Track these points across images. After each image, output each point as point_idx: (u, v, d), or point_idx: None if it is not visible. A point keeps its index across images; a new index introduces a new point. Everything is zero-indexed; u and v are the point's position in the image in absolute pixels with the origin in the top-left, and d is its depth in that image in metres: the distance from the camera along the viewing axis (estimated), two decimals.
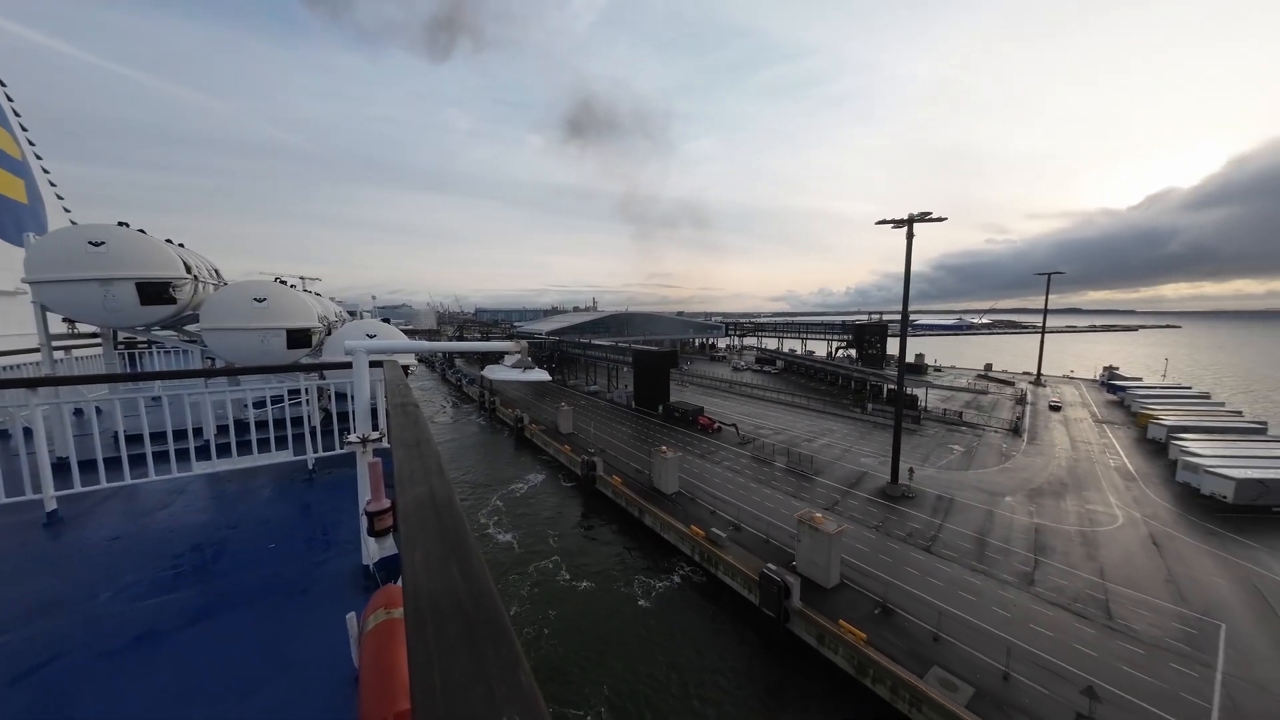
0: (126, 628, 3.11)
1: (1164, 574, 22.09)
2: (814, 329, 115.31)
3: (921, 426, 49.73)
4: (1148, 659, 16.86)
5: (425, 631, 0.61)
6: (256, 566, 3.97)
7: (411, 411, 2.43)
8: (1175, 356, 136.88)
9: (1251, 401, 71.57)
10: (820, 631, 18.93)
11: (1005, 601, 20.16)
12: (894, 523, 27.45)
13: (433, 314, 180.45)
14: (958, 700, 15.09)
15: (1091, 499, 30.66)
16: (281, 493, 5.73)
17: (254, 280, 8.41)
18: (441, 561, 0.84)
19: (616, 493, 33.93)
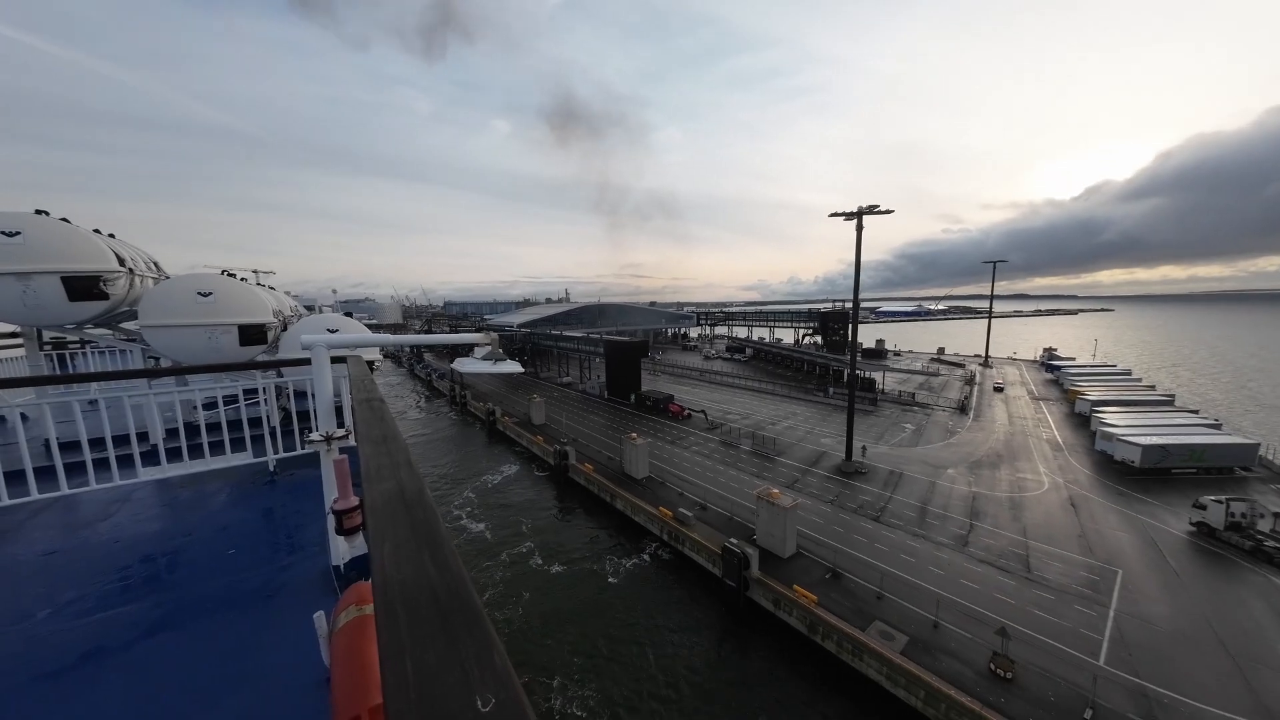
0: (70, 646, 2.99)
1: (1077, 531, 24.83)
2: (781, 317, 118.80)
3: (879, 408, 52.74)
4: (1056, 603, 19.18)
5: (396, 621, 0.60)
6: (216, 574, 3.84)
7: (377, 407, 2.41)
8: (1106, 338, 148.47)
9: (1165, 376, 79.15)
10: (776, 597, 20.48)
11: (940, 561, 22.28)
12: (847, 496, 29.49)
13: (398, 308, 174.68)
14: (894, 648, 16.86)
15: (1023, 468, 33.70)
16: (241, 497, 5.55)
17: (198, 274, 7.90)
18: (413, 552, 0.84)
19: (589, 480, 34.76)
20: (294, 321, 10.07)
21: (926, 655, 16.62)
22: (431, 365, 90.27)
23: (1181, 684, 15.12)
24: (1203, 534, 23.94)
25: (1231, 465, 31.83)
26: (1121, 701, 14.56)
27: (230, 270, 8.99)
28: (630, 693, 17.78)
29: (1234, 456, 31.74)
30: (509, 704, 0.43)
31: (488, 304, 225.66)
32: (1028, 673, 15.68)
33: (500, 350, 5.55)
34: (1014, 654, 16.15)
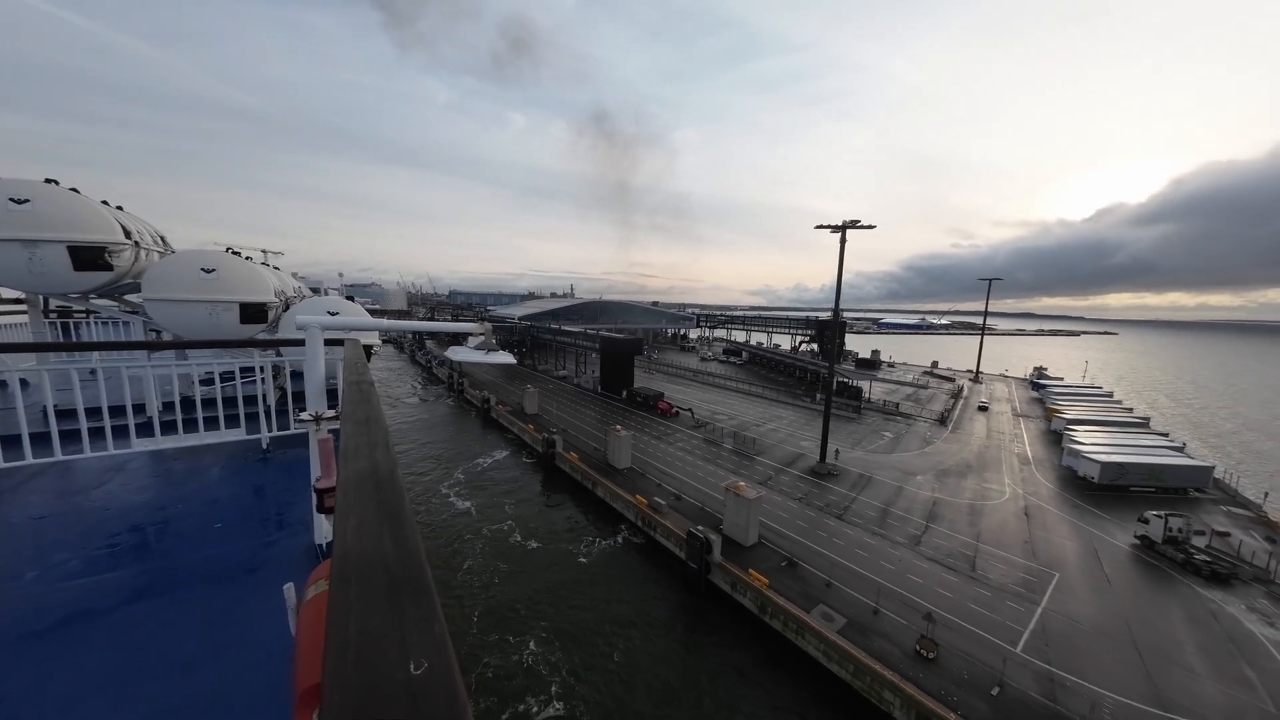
0: (55, 607, 3.05)
1: (1025, 537, 26.32)
2: (779, 323, 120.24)
3: (862, 416, 54.18)
4: (991, 599, 20.71)
5: (348, 588, 0.65)
6: (202, 546, 3.92)
7: (365, 389, 2.46)
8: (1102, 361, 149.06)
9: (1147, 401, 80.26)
10: (733, 580, 22.09)
11: (892, 557, 23.83)
12: (815, 495, 31.05)
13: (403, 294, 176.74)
14: (832, 628, 18.45)
15: (989, 479, 35.17)
16: (233, 472, 5.67)
17: (203, 250, 7.91)
18: (374, 528, 0.88)
19: (573, 468, 36.42)
20: (296, 302, 10.13)
21: (861, 636, 18.20)
22: (432, 352, 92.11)
23: (1087, 672, 16.65)
24: (1144, 547, 25.41)
25: (1187, 486, 33.20)
26: (1028, 682, 16.11)
27: (235, 248, 9.01)
28: (590, 654, 19.44)
29: (1189, 478, 33.12)
30: (440, 668, 0.48)
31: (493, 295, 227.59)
32: (949, 654, 17.24)
33: (494, 341, 5.60)
34: (941, 639, 17.73)
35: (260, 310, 7.91)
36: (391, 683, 0.46)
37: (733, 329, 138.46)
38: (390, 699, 0.44)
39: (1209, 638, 18.70)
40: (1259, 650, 18.09)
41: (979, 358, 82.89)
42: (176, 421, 5.32)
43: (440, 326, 6.04)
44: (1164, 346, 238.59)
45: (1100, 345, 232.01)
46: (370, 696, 0.44)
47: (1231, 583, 22.35)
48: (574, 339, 72.13)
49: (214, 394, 5.60)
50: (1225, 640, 18.56)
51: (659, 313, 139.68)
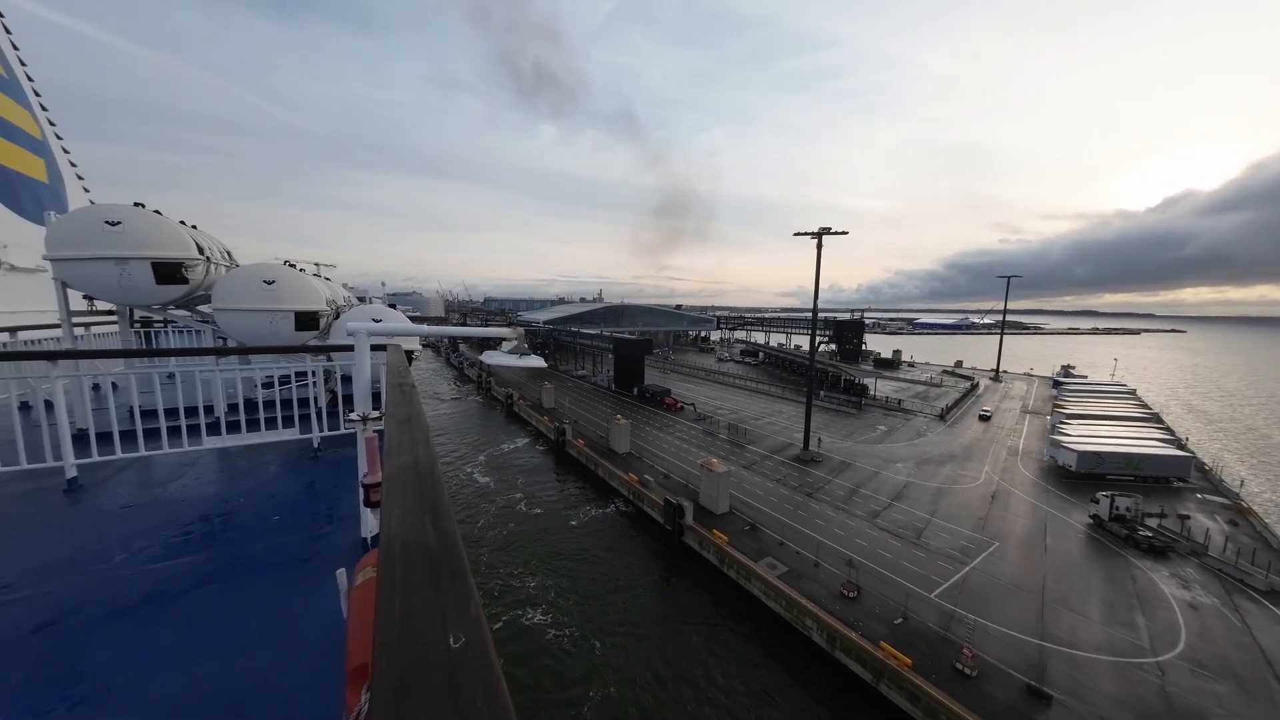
0: (137, 588, 3.34)
1: (981, 515, 28.66)
2: (798, 324, 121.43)
3: (863, 411, 56.15)
4: (925, 559, 23.60)
5: (393, 571, 0.73)
6: (261, 536, 4.21)
7: (407, 391, 2.59)
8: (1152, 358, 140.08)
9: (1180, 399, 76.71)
10: (701, 539, 25.96)
11: (848, 527, 26.95)
12: (793, 477, 34.28)
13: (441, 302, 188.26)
14: (773, 574, 22.06)
15: (968, 467, 37.08)
16: (288, 469, 5.94)
17: (264, 263, 8.54)
18: (417, 517, 0.96)
19: (580, 452, 41.11)
20: (345, 310, 10.84)
21: (798, 581, 21.71)
22: (465, 355, 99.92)
23: (986, 612, 19.51)
24: (1095, 525, 27.25)
25: (1168, 476, 34.02)
26: (930, 616, 19.18)
27: (291, 261, 9.75)
28: (583, 592, 23.85)
29: (1169, 468, 33.95)
30: (476, 643, 0.54)
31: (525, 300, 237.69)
32: (870, 596, 20.49)
33: (525, 345, 5.88)
34: (866, 586, 21.01)
35: (313, 318, 8.45)
36: (434, 655, 0.52)
37: (752, 330, 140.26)
38: (432, 669, 0.49)
39: (1118, 594, 20.97)
40: (1161, 605, 20.26)
41: (999, 357, 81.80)
42: (240, 421, 5.71)
43: (474, 332, 6.38)
44: (1234, 344, 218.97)
45: (1161, 344, 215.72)
46: (415, 667, 0.50)
47: (1168, 555, 24.14)
48: (591, 341, 77.28)
49: (273, 396, 6.22)
50: (1132, 596, 20.79)
51: (681, 315, 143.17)
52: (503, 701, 0.45)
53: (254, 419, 5.97)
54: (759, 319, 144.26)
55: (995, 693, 15.56)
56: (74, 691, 2.44)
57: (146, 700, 2.43)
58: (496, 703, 0.45)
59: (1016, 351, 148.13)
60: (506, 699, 0.46)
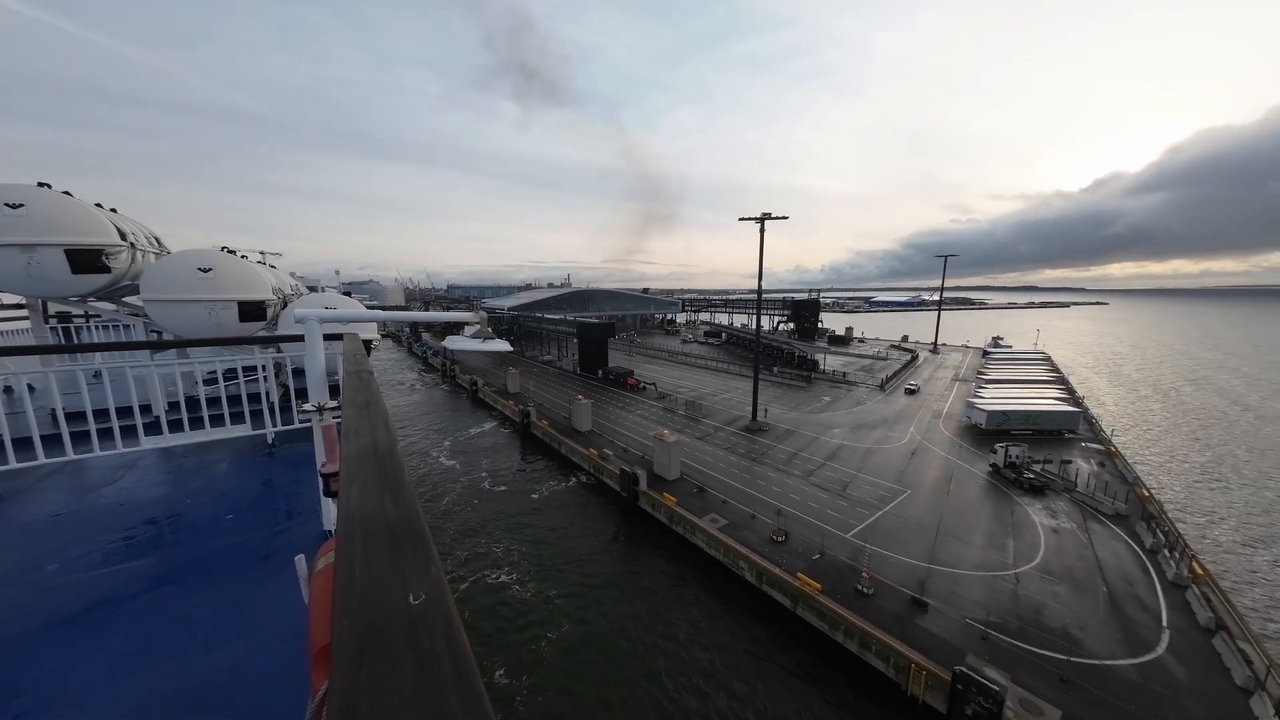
0: (78, 596, 3.22)
1: (901, 469, 32.52)
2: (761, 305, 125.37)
3: (812, 384, 60.23)
4: (847, 507, 26.98)
5: (352, 542, 0.74)
6: (215, 536, 4.13)
7: (365, 377, 2.58)
8: (1072, 328, 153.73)
9: (1084, 362, 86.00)
10: (653, 503, 28.49)
11: (785, 485, 30.11)
12: (741, 445, 37.32)
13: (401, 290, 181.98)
14: (714, 526, 24.82)
15: (896, 430, 41.27)
16: (241, 466, 5.77)
17: (198, 249, 7.99)
18: (376, 494, 0.97)
19: (544, 433, 42.81)
20: (294, 300, 10.42)
21: (736, 531, 24.56)
22: (428, 344, 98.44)
23: (890, 546, 22.94)
24: (993, 472, 31.57)
25: (1060, 429, 39.23)
26: (842, 551, 22.43)
27: (231, 248, 9.14)
28: (543, 553, 25.94)
29: (1061, 422, 39.13)
30: (437, 600, 0.57)
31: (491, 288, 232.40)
32: (796, 539, 23.56)
33: (489, 329, 5.75)
34: (792, 531, 24.07)
35: (259, 308, 8.08)
36: (395, 612, 0.54)
37: (717, 312, 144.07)
38: (393, 624, 0.51)
39: (999, 525, 24.95)
40: (1029, 531, 24.35)
41: (937, 331, 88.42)
42: (183, 420, 5.44)
43: (435, 317, 6.20)
44: (1144, 314, 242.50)
45: (1085, 315, 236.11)
46: (375, 623, 0.52)
47: (1045, 493, 28.54)
48: (556, 326, 78.14)
49: (218, 392, 5.84)
50: (1009, 526, 24.82)
51: (647, 299, 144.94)
52: (463, 648, 0.47)
53: (198, 416, 5.58)
54: (724, 301, 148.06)
55: (885, 605, 18.81)
56: (13, 705, 2.38)
57: (103, 705, 2.41)
58: (457, 649, 0.47)
59: (961, 325, 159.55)
60: (466, 645, 0.48)
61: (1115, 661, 16.07)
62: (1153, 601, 19.05)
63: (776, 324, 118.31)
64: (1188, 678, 15.44)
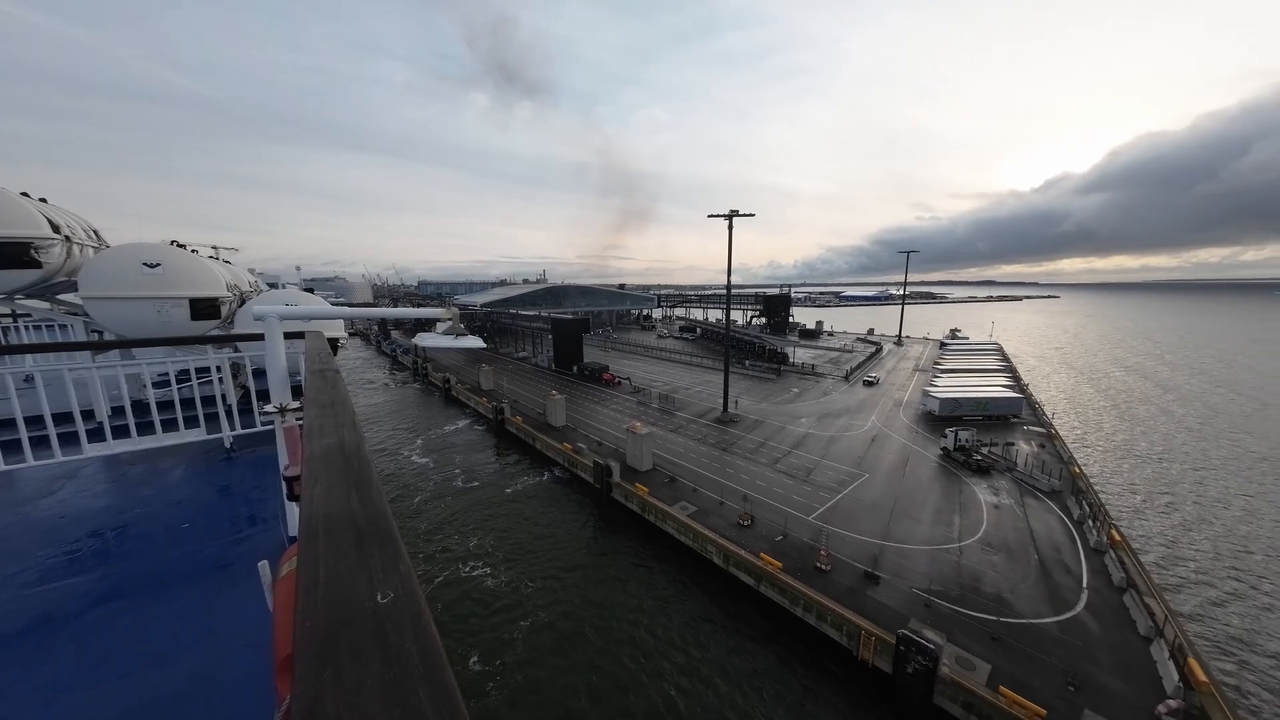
0: (15, 615, 3.05)
1: (860, 455, 34.31)
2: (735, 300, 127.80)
3: (782, 376, 62.16)
4: (810, 492, 28.40)
5: (316, 541, 0.72)
6: (169, 546, 3.92)
7: (330, 376, 2.51)
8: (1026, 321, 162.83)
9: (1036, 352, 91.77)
10: (626, 493, 29.21)
11: (752, 472, 31.35)
12: (712, 436, 38.46)
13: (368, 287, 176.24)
14: (685, 514, 25.74)
15: (859, 418, 43.31)
16: (196, 473, 5.55)
17: (143, 243, 7.51)
18: (342, 492, 0.95)
19: (519, 429, 42.87)
20: (252, 297, 10.03)
21: (705, 517, 25.55)
22: (398, 342, 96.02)
23: (847, 525, 24.41)
24: (944, 455, 33.71)
25: (1006, 414, 42.08)
26: (804, 532, 23.72)
27: (181, 242, 8.58)
28: (517, 545, 26.29)
29: (1007, 407, 41.98)
30: (406, 597, 0.56)
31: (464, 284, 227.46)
32: (761, 523, 24.72)
33: (461, 325, 5.63)
34: (758, 515, 25.22)
35: (212, 305, 7.72)
36: (360, 610, 0.53)
37: (692, 307, 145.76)
38: (359, 622, 0.50)
39: (947, 504, 26.83)
40: (974, 507, 26.31)
41: (900, 324, 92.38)
42: (129, 425, 5.15)
43: (406, 313, 6.05)
44: (1089, 307, 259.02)
45: (1037, 308, 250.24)
46: (340, 621, 0.50)
47: (990, 473, 30.75)
48: (530, 322, 77.68)
49: (170, 395, 5.56)
50: (956, 504, 26.73)
51: (623, 295, 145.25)
52: (433, 642, 0.47)
53: (147, 421, 5.27)
54: (699, 296, 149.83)
55: (841, 580, 20.13)
56: None
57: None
58: (427, 644, 0.46)
59: (924, 319, 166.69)
60: (436, 640, 0.47)
61: (1040, 620, 17.81)
62: (1076, 566, 21.06)
63: (750, 318, 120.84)
64: (1100, 631, 17.28)
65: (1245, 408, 55.23)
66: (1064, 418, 50.40)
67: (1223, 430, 47.13)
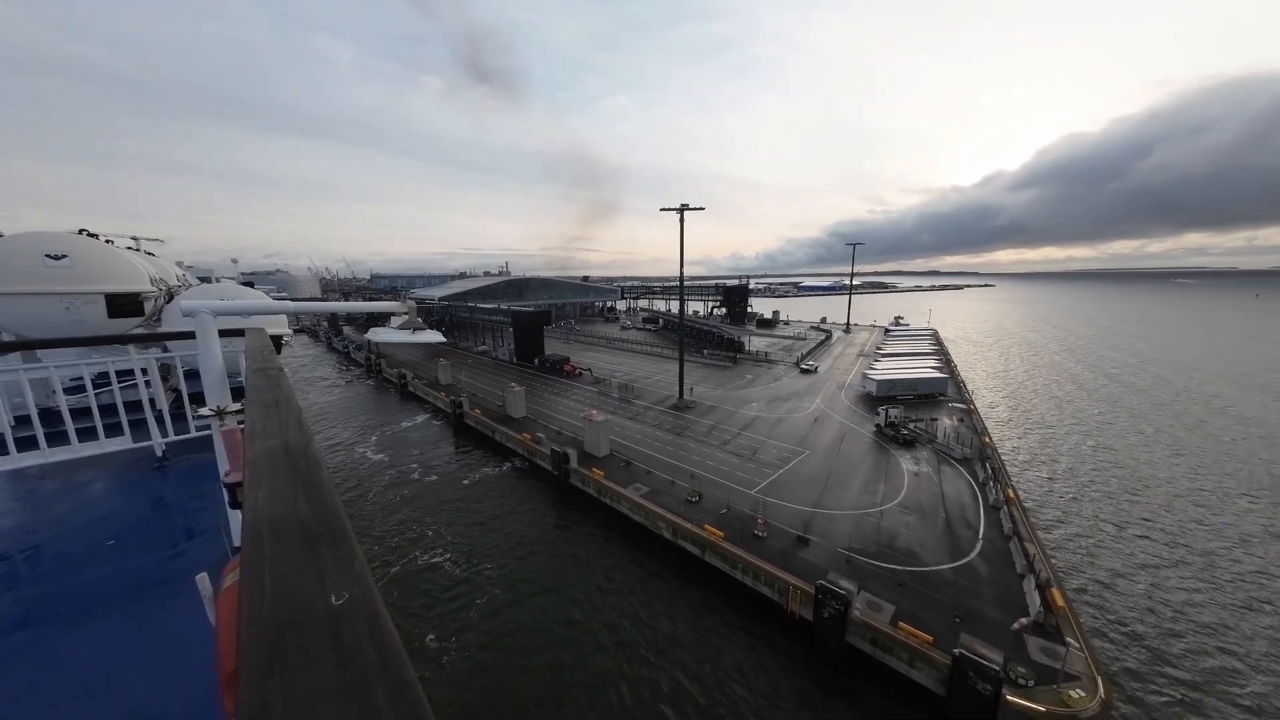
0: None
1: (803, 434, 36.98)
2: (694, 291, 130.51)
3: (737, 364, 64.84)
4: (754, 469, 30.57)
5: (260, 546, 0.67)
6: (92, 566, 3.64)
7: (273, 375, 2.39)
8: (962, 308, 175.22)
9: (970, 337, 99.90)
10: (584, 478, 30.38)
11: (703, 454, 33.23)
12: (668, 422, 40.16)
13: (316, 281, 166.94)
14: (638, 494, 27.23)
15: (805, 401, 46.28)
16: (123, 485, 5.20)
17: (43, 233, 6.98)
18: (289, 495, 0.90)
19: (478, 422, 42.99)
20: (181, 292, 9.39)
21: (656, 496, 27.12)
22: (350, 338, 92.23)
23: (785, 496, 26.66)
24: (877, 431, 36.90)
25: (934, 392, 46.22)
26: (746, 504, 25.75)
27: (90, 230, 7.91)
28: (475, 532, 26.95)
29: (934, 386, 46.11)
30: (360, 595, 0.53)
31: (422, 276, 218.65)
32: (709, 499, 26.56)
33: (419, 320, 5.35)
34: (705, 492, 27.05)
35: (133, 301, 7.19)
36: (312, 613, 0.49)
37: (654, 299, 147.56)
38: (310, 625, 0.47)
39: (875, 474, 29.68)
40: (897, 476, 29.28)
41: (848, 312, 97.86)
42: (37, 436, 4.72)
43: (358, 307, 5.65)
44: (1019, 295, 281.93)
45: (975, 296, 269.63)
46: (290, 626, 0.47)
47: (914, 445, 34.06)
48: (489, 315, 76.75)
49: (87, 401, 5.11)
50: (883, 474, 29.62)
51: (586, 287, 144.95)
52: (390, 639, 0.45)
53: (59, 431, 4.84)
54: (663, 288, 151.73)
55: (775, 544, 22.22)
56: None
57: None
58: (384, 642, 0.44)
59: (874, 307, 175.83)
60: (394, 637, 0.45)
61: (940, 567, 20.50)
62: (976, 521, 24.13)
63: (711, 309, 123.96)
64: (988, 573, 20.14)
65: (1141, 379, 62.82)
66: (984, 394, 55.71)
67: (1110, 396, 53.65)
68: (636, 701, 16.59)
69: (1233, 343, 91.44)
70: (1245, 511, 28.91)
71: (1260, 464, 35.51)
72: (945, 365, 55.12)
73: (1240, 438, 40.89)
